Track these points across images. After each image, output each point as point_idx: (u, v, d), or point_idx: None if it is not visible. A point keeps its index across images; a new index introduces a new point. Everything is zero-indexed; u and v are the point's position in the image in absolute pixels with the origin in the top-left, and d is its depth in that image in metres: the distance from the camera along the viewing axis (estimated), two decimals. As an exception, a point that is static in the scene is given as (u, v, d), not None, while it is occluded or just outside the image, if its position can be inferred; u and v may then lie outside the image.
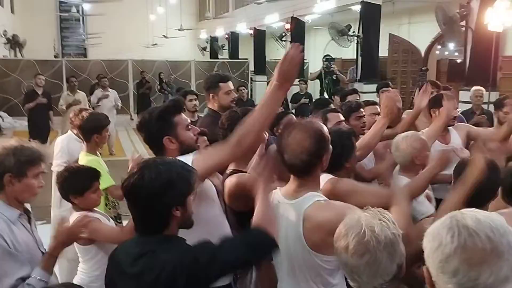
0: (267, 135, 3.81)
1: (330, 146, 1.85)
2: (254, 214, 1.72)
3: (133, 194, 1.56)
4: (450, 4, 7.56)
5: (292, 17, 12.43)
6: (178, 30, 18.57)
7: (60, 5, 20.96)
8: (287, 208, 1.84)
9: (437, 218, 1.32)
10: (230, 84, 3.50)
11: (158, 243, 1.55)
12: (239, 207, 2.21)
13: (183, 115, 2.18)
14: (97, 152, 3.41)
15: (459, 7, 7.30)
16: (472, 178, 1.88)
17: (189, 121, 2.19)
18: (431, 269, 1.03)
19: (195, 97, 4.76)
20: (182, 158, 1.89)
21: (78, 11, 19.27)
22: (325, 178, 2.13)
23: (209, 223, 2.01)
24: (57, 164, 3.70)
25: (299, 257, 1.81)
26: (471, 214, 1.03)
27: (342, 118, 3.19)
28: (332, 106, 4.37)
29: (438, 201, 2.60)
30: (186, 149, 2.07)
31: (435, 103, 3.71)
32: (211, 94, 3.45)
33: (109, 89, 9.81)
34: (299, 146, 1.77)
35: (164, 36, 19.17)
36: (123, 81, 14.62)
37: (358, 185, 2.28)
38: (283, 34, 13.37)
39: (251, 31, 15.86)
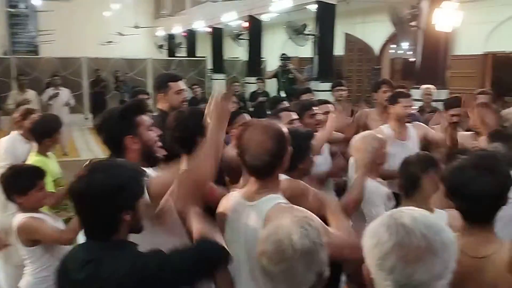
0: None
1: (290, 147, 1.84)
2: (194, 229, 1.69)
3: (81, 198, 1.50)
4: (402, 5, 7.75)
5: (249, 15, 12.43)
6: (134, 27, 18.21)
7: (9, 0, 20.12)
8: (247, 210, 1.80)
9: None
10: (181, 84, 3.44)
11: (106, 249, 1.49)
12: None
13: (145, 116, 2.13)
14: (49, 153, 3.30)
15: (410, 7, 7.49)
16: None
17: (151, 121, 2.14)
18: (370, 266, 1.04)
19: (147, 96, 4.68)
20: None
21: (27, 7, 18.55)
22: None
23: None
24: (0, 167, 3.54)
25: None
26: (409, 213, 1.05)
27: (294, 116, 3.21)
28: (286, 104, 4.40)
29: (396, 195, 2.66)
30: (146, 152, 2.02)
31: (391, 101, 3.81)
32: (160, 94, 3.38)
33: (61, 88, 9.51)
34: (260, 148, 1.74)
35: (119, 33, 18.76)
36: (77, 79, 14.20)
37: (310, 190, 2.28)
38: (241, 32, 13.36)
39: (209, 29, 15.77)
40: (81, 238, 1.67)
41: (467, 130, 3.91)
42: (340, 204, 2.13)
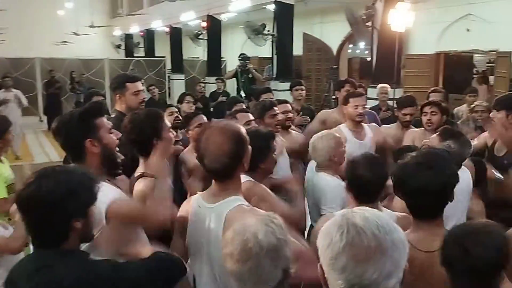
0: (180, 136, 3.78)
1: (249, 147, 1.83)
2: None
3: (29, 205, 1.43)
4: (358, 5, 7.92)
5: (208, 15, 12.37)
6: (89, 27, 17.77)
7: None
8: (208, 212, 1.79)
9: None
10: (139, 85, 3.37)
11: (56, 257, 1.43)
12: None
13: (105, 118, 2.08)
14: (1, 157, 3.17)
15: (365, 8, 7.66)
16: None
17: (111, 124, 2.09)
18: (323, 266, 1.05)
19: (102, 97, 4.57)
20: (104, 190, 1.81)
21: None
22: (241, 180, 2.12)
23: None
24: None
25: (220, 263, 1.75)
26: (361, 212, 1.06)
27: (251, 117, 3.21)
28: (243, 105, 4.41)
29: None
30: (107, 155, 1.98)
31: (344, 101, 3.88)
32: (118, 95, 3.31)
33: (13, 89, 9.17)
34: (219, 150, 1.72)
35: (74, 33, 18.25)
36: (30, 80, 13.74)
37: (270, 194, 2.30)
38: (199, 32, 13.28)
39: (167, 29, 15.58)
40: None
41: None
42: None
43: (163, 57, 16.07)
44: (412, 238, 1.65)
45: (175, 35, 15.28)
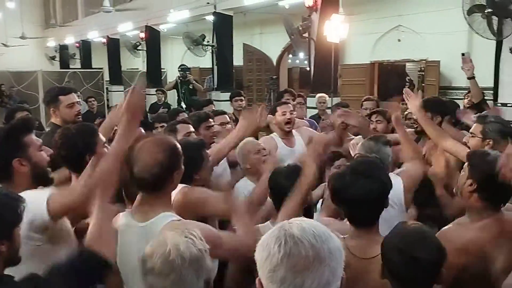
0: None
1: (182, 166, 1.80)
2: (88, 232, 1.60)
3: None
4: (295, 17, 8.10)
5: (146, 26, 12.19)
6: (20, 38, 16.97)
7: None
8: (138, 231, 1.70)
9: (276, 222, 1.36)
10: (72, 97, 3.28)
11: None
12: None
13: (33, 135, 1.97)
14: None
15: (302, 19, 7.84)
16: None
17: (40, 141, 1.99)
18: (262, 280, 1.05)
19: (27, 113, 4.36)
20: (37, 192, 1.70)
21: None
22: (176, 189, 2.08)
23: None
24: None
25: None
26: (297, 223, 1.06)
27: (191, 129, 3.19)
28: (183, 115, 4.37)
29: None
30: (38, 174, 1.87)
31: (272, 111, 3.96)
32: (52, 109, 3.22)
33: None
34: (151, 158, 1.67)
35: (3, 44, 17.35)
36: (-45, 94, 12.89)
37: (210, 195, 2.26)
38: (138, 43, 13.05)
39: (104, 40, 15.19)
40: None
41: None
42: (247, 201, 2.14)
43: (101, 68, 15.61)
44: (351, 245, 1.68)
45: (113, 46, 14.93)
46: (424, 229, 1.60)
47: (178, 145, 1.79)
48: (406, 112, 5.29)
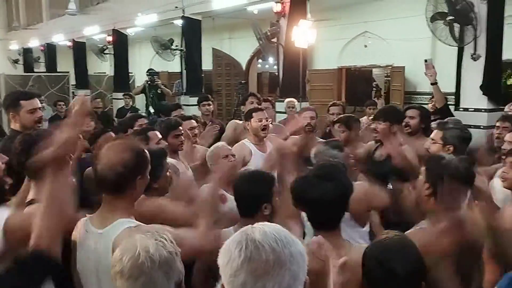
0: (83, 154, 3.59)
1: (148, 175, 1.76)
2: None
3: None
4: (263, 22, 8.13)
5: (113, 29, 12.01)
6: (-19, 40, 16.44)
7: None
8: (96, 238, 1.68)
9: None
10: (34, 102, 3.18)
11: None
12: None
13: None
14: None
15: (270, 24, 7.88)
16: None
17: None
18: (224, 284, 1.04)
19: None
20: None
21: None
22: None
23: None
24: None
25: None
26: (260, 227, 1.06)
27: (159, 136, 3.17)
28: (145, 120, 4.31)
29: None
30: None
31: (246, 117, 3.96)
32: (11, 113, 3.12)
33: None
34: (117, 156, 1.65)
35: (-37, 47, 16.79)
36: None
37: (166, 204, 2.24)
38: (105, 47, 12.85)
39: (70, 43, 14.89)
40: None
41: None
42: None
43: (67, 72, 15.28)
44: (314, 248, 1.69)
45: (79, 50, 14.64)
46: (405, 241, 1.58)
47: (147, 152, 1.77)
48: (371, 117, 5.39)
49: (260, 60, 13.89)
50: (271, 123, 4.32)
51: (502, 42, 4.99)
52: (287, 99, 6.33)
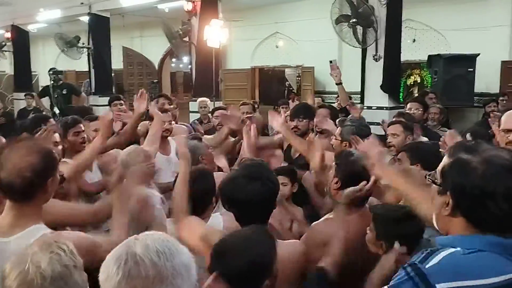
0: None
1: (58, 176, 1.65)
2: None
3: None
4: (175, 21, 8.01)
5: (12, 25, 11.19)
6: None
7: None
8: (3, 247, 1.52)
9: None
10: None
11: None
12: None
13: None
14: None
15: (181, 23, 7.79)
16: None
17: None
18: None
19: None
20: None
21: None
22: None
23: None
24: None
25: None
26: (143, 239, 1.02)
27: (57, 139, 2.99)
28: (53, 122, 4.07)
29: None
30: None
31: (150, 118, 3.86)
32: None
33: None
34: (23, 161, 1.51)
35: None
36: None
37: (59, 204, 2.12)
38: (4, 43, 11.94)
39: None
40: None
41: None
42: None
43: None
44: None
45: (-26, 46, 13.48)
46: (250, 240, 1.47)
47: (55, 153, 1.65)
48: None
49: (174, 59, 13.68)
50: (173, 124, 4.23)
51: (400, 44, 5.34)
52: (200, 99, 6.29)
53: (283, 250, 1.59)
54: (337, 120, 3.35)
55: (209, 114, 6.26)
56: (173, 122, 4.04)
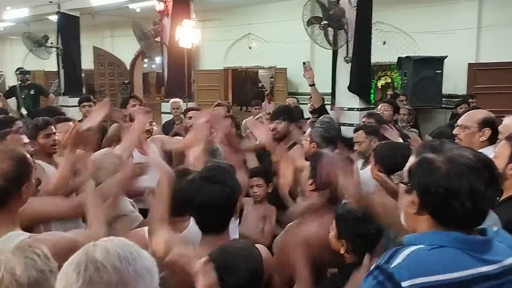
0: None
1: (33, 180, 1.61)
2: None
3: None
4: (146, 20, 7.92)
5: (-23, 23, 10.88)
6: None
7: None
8: None
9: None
10: None
11: None
12: None
13: None
14: None
15: (153, 23, 7.71)
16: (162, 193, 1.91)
17: None
18: None
19: None
20: None
21: None
22: None
23: None
24: None
25: None
26: (103, 245, 1.00)
27: (25, 140, 2.89)
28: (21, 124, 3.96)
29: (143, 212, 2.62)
30: None
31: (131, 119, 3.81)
32: None
33: None
34: None
35: None
36: None
37: (45, 202, 2.08)
38: (-32, 42, 11.58)
39: None
40: None
41: None
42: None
43: None
44: (201, 253, 1.64)
45: None
46: (246, 250, 1.55)
47: (30, 158, 1.60)
48: (257, 117, 5.51)
49: (146, 60, 13.54)
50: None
51: (370, 45, 5.40)
52: (172, 100, 6.24)
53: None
54: (308, 121, 3.37)
55: (182, 115, 6.23)
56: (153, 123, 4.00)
